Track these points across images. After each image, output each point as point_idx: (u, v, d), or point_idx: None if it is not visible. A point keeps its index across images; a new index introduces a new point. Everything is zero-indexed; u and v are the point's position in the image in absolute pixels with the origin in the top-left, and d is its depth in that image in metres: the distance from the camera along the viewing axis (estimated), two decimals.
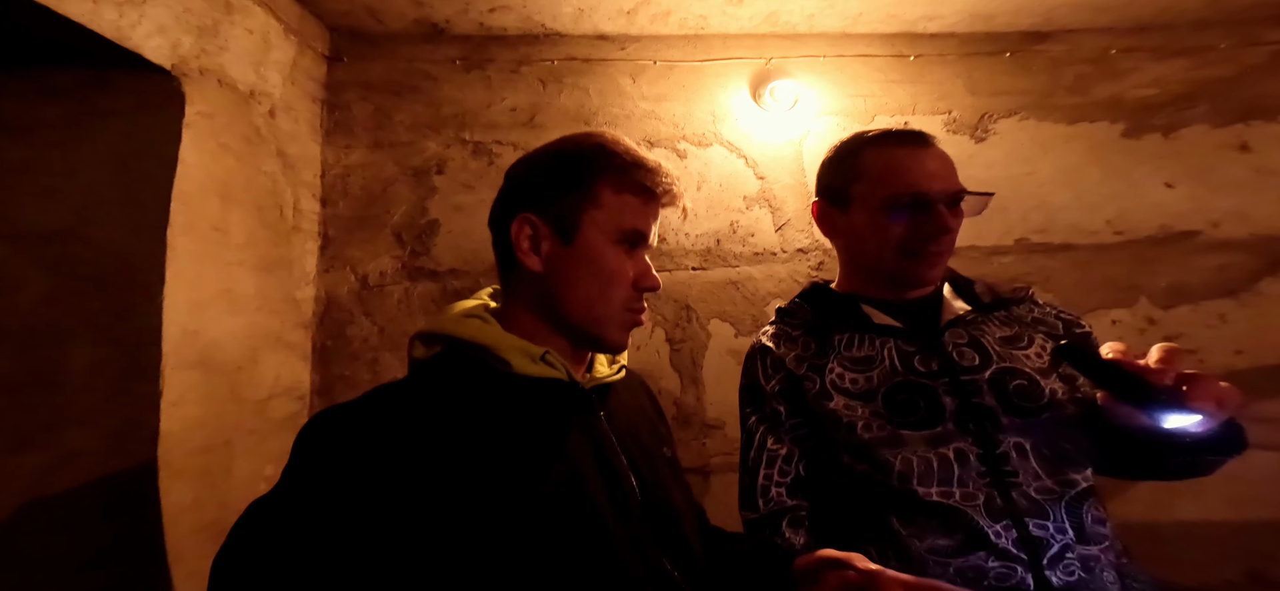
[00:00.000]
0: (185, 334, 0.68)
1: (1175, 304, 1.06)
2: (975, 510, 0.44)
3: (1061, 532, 0.43)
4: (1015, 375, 0.49)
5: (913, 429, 0.47)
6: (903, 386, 0.50)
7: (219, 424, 0.74)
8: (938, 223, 0.51)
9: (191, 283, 0.69)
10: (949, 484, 0.45)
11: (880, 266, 0.55)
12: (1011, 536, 0.43)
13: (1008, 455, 0.46)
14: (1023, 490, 0.44)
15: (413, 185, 1.07)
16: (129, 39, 0.61)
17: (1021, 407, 0.47)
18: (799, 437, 0.53)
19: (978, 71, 1.16)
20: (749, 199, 1.12)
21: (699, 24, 1.12)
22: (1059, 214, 1.10)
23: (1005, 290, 0.57)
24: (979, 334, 0.52)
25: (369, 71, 1.08)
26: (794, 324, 0.59)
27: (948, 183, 0.52)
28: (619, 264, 0.42)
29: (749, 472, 0.53)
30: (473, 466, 0.35)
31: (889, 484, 0.46)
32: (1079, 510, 0.44)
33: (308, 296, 0.98)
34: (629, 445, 0.43)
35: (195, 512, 0.68)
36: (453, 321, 0.42)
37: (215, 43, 0.74)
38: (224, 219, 0.75)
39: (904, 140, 0.54)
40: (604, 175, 0.42)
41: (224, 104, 0.76)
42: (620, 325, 0.43)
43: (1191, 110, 1.12)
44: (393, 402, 0.37)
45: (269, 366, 0.85)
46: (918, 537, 0.45)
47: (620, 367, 0.49)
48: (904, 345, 0.52)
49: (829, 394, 0.51)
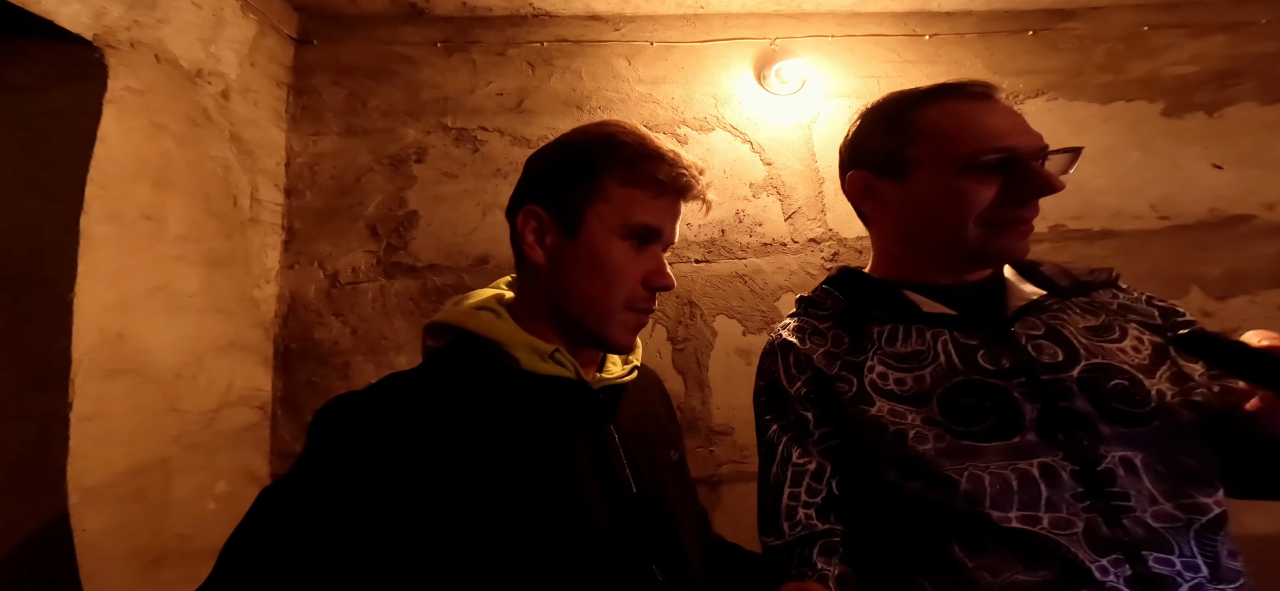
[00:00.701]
0: (105, 337, 0.59)
1: (1231, 294, 0.97)
2: (1072, 540, 0.35)
3: (1192, 569, 0.34)
4: (1113, 373, 0.39)
5: (981, 439, 0.38)
6: (965, 387, 0.40)
7: (152, 439, 0.64)
8: (1038, 181, 0.41)
9: (113, 278, 0.60)
10: (1034, 507, 0.36)
11: (955, 241, 0.44)
12: (1124, 573, 0.34)
13: (1113, 472, 0.36)
14: (1137, 517, 0.35)
15: (389, 174, 0.98)
16: (38, 3, 0.53)
17: (1125, 413, 0.38)
18: (830, 449, 0.44)
19: (999, 50, 1.08)
20: (755, 186, 1.03)
21: (698, 3, 1.05)
22: (1097, 199, 1.01)
23: (1082, 272, 0.47)
24: (1058, 324, 0.42)
25: (341, 54, 1.00)
26: (821, 315, 0.49)
27: (1035, 136, 0.43)
28: (623, 260, 0.41)
29: (771, 492, 0.44)
30: (473, 461, 0.35)
31: (951, 505, 0.37)
32: (1213, 541, 0.35)
33: (268, 295, 0.88)
34: (633, 448, 0.42)
35: (122, 539, 0.59)
36: (464, 313, 0.41)
37: (152, 15, 0.66)
38: (158, 207, 0.66)
39: (970, 92, 0.45)
40: (610, 167, 0.41)
41: (160, 80, 0.68)
42: (622, 324, 0.42)
43: (1236, 87, 1.04)
44: (404, 391, 0.37)
45: (219, 373, 0.76)
46: (990, 571, 0.36)
47: (633, 368, 0.47)
48: (963, 338, 0.43)
49: (869, 397, 0.42)
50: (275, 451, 0.86)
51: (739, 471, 0.93)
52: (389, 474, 0.33)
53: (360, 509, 0.32)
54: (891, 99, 0.49)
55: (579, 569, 0.35)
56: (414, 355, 0.92)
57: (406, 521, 0.33)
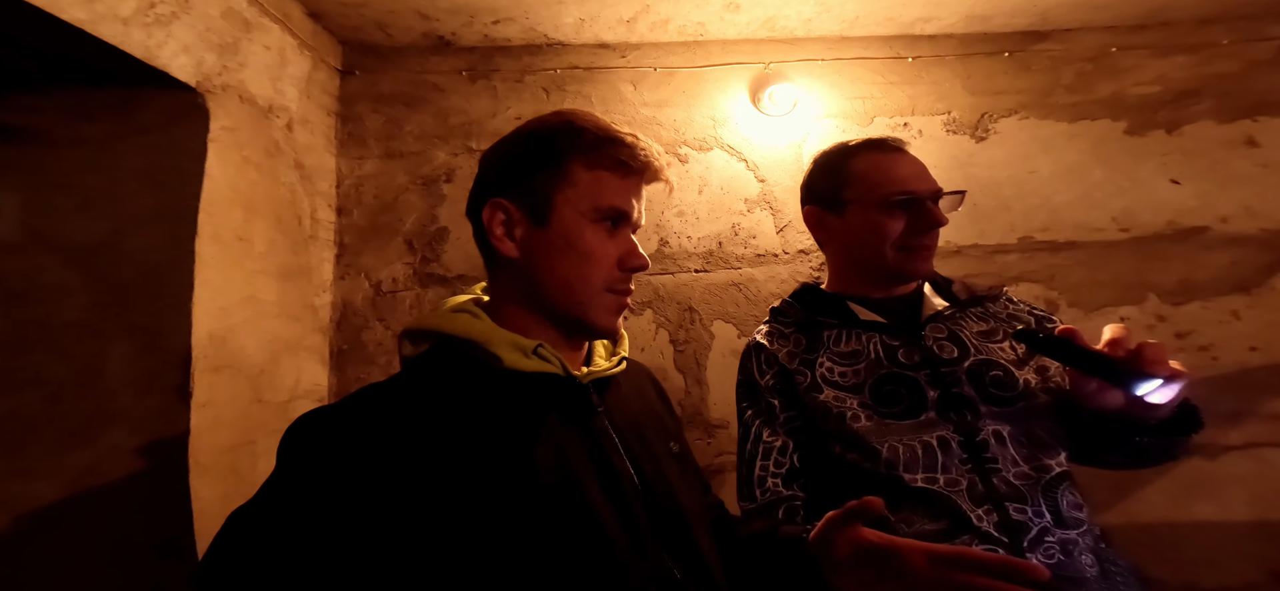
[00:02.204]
0: (212, 339, 0.71)
1: (1185, 301, 1.05)
2: (959, 495, 0.46)
3: (1039, 516, 0.45)
4: (992, 366, 0.51)
5: (898, 419, 0.50)
6: (888, 378, 0.52)
7: (244, 424, 0.77)
8: (930, 217, 0.55)
9: (217, 290, 0.72)
10: (933, 470, 0.47)
11: (878, 263, 0.57)
12: (993, 520, 0.44)
13: (987, 442, 0.48)
14: (1002, 476, 0.46)
15: (423, 194, 1.10)
16: (157, 58, 0.65)
17: (998, 397, 0.49)
18: (793, 430, 0.55)
19: (976, 72, 1.17)
20: (750, 201, 1.14)
21: (697, 31, 1.15)
22: (1063, 212, 1.10)
23: (981, 288, 0.60)
24: (957, 328, 0.55)
25: (380, 84, 1.12)
26: (786, 322, 0.61)
27: (931, 183, 0.57)
28: (598, 243, 0.40)
29: (746, 464, 0.56)
30: (462, 466, 0.33)
31: (877, 471, 0.48)
32: (1054, 494, 0.46)
33: (325, 302, 1.01)
34: (630, 440, 0.41)
35: (222, 507, 0.71)
36: (441, 317, 0.40)
37: (235, 59, 0.78)
38: (247, 229, 0.79)
39: (886, 147, 0.59)
40: (576, 153, 0.40)
41: (245, 118, 0.80)
42: (604, 308, 0.41)
43: (1196, 106, 1.11)
44: (378, 402, 0.35)
45: (289, 370, 0.89)
46: (906, 523, 0.46)
47: (621, 359, 0.46)
48: (888, 339, 0.55)
49: (819, 386, 0.54)
50: None
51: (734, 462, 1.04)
52: (365, 488, 0.31)
53: (332, 527, 0.30)
54: (833, 150, 0.62)
55: (590, 569, 0.33)
56: None
57: (389, 530, 0.31)
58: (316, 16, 1.01)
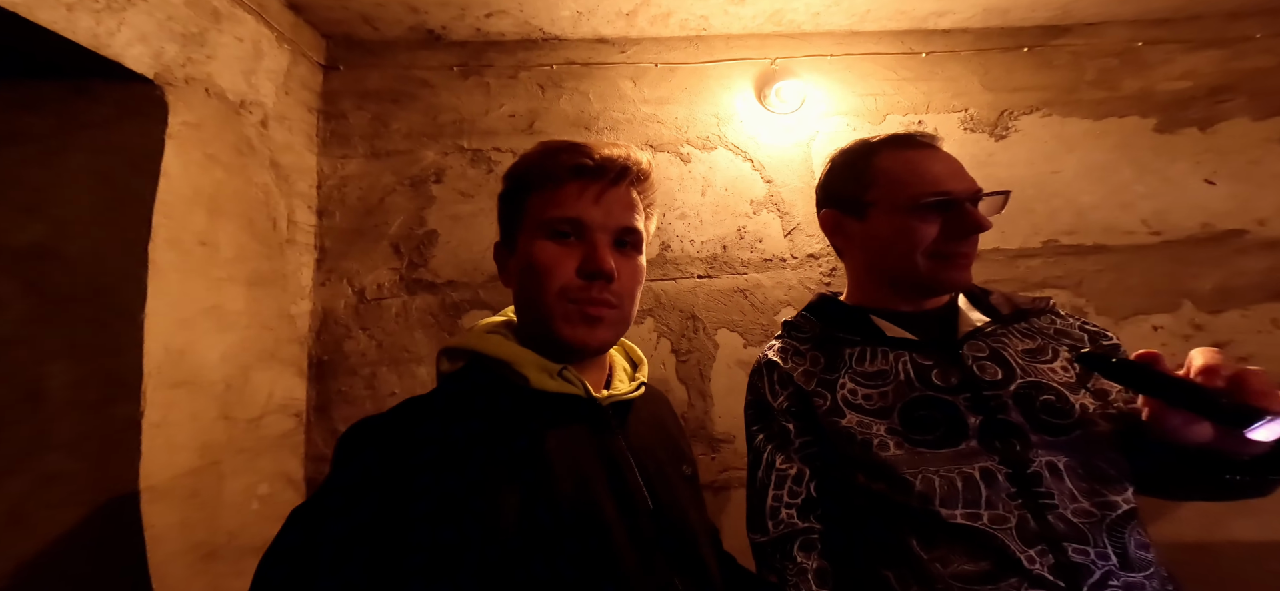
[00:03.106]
0: (168, 352, 0.65)
1: (1223, 308, 0.99)
2: (1006, 533, 0.40)
3: (1104, 558, 0.39)
4: (1042, 389, 0.45)
5: (933, 447, 0.44)
6: (921, 402, 0.46)
7: (206, 444, 0.71)
8: (970, 221, 0.48)
9: (176, 299, 0.67)
10: (976, 505, 0.42)
11: (908, 272, 0.51)
12: (1048, 562, 0.39)
13: (1040, 475, 0.42)
14: (1059, 513, 0.41)
15: (410, 195, 1.04)
16: (107, 47, 0.60)
17: (1051, 424, 0.44)
18: (809, 456, 0.50)
19: (994, 67, 1.11)
20: (756, 203, 1.08)
21: (701, 25, 1.09)
22: (1089, 214, 1.04)
23: (1024, 301, 0.53)
24: (1000, 346, 0.49)
25: (365, 80, 1.07)
26: (801, 338, 0.56)
27: (969, 182, 0.50)
28: (546, 256, 0.41)
29: (757, 493, 0.50)
30: (489, 475, 0.36)
31: (909, 505, 0.43)
32: (1122, 534, 0.40)
33: (303, 311, 0.95)
34: (645, 462, 0.43)
35: (182, 534, 0.65)
36: (475, 337, 0.44)
37: (202, 51, 0.73)
38: (211, 232, 0.73)
39: (917, 142, 0.52)
40: (532, 186, 0.43)
41: (212, 114, 0.75)
42: (564, 317, 0.41)
43: (1229, 103, 1.06)
44: (420, 413, 0.39)
45: (261, 383, 0.82)
46: (941, 562, 0.41)
47: (640, 384, 0.49)
48: (920, 358, 0.49)
49: (841, 410, 0.48)
50: (309, 455, 0.93)
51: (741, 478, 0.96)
52: (407, 490, 0.34)
53: (381, 524, 0.33)
54: (854, 147, 0.55)
55: (596, 576, 0.35)
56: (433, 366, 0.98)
57: (423, 532, 0.33)
58: (297, 8, 0.95)
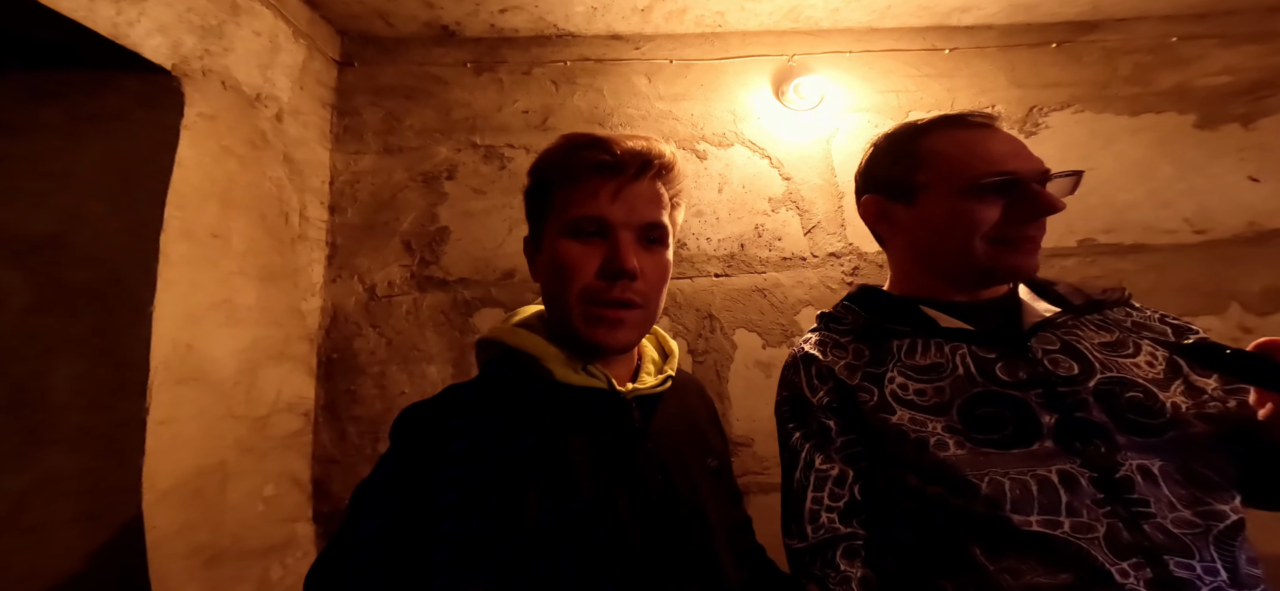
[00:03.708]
0: (177, 347, 0.64)
1: (1273, 310, 0.95)
2: (1092, 543, 0.36)
3: (1212, 574, 0.35)
4: (1128, 386, 0.41)
5: (1000, 447, 0.40)
6: (984, 397, 0.42)
7: (212, 442, 0.69)
8: (1039, 202, 0.43)
9: (185, 292, 0.65)
10: (1055, 512, 0.37)
11: (965, 259, 0.46)
12: (1145, 576, 0.35)
13: (1131, 480, 0.38)
14: (1157, 523, 0.36)
15: (423, 191, 1.03)
16: (127, 37, 0.59)
17: (1140, 424, 0.39)
18: (852, 457, 0.46)
19: (1021, 63, 1.08)
20: (775, 201, 1.05)
21: (716, 21, 1.08)
22: (1128, 212, 1.00)
23: (1097, 291, 0.49)
24: (1073, 339, 0.44)
25: (379, 75, 1.06)
26: (841, 330, 0.52)
27: (1034, 161, 0.45)
28: (569, 256, 0.41)
29: (794, 497, 0.46)
30: (509, 471, 0.37)
31: (972, 509, 0.39)
32: (1232, 547, 0.36)
33: (313, 307, 0.94)
34: (666, 457, 0.43)
35: (184, 537, 0.63)
36: (505, 330, 0.44)
37: (220, 44, 0.72)
38: (224, 225, 0.72)
39: (971, 122, 0.48)
40: (557, 182, 0.43)
41: (227, 106, 0.74)
42: (585, 319, 0.41)
43: (1272, 98, 1.02)
44: (454, 404, 0.41)
45: (270, 381, 0.80)
46: (1011, 573, 0.37)
47: (666, 377, 0.47)
48: (980, 351, 0.45)
49: (890, 407, 0.44)
50: (316, 456, 0.91)
51: (759, 482, 0.94)
52: (434, 482, 0.36)
53: (408, 517, 0.35)
54: (900, 129, 0.51)
55: (608, 567, 0.36)
56: (443, 365, 0.96)
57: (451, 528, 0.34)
58: (314, 4, 0.95)
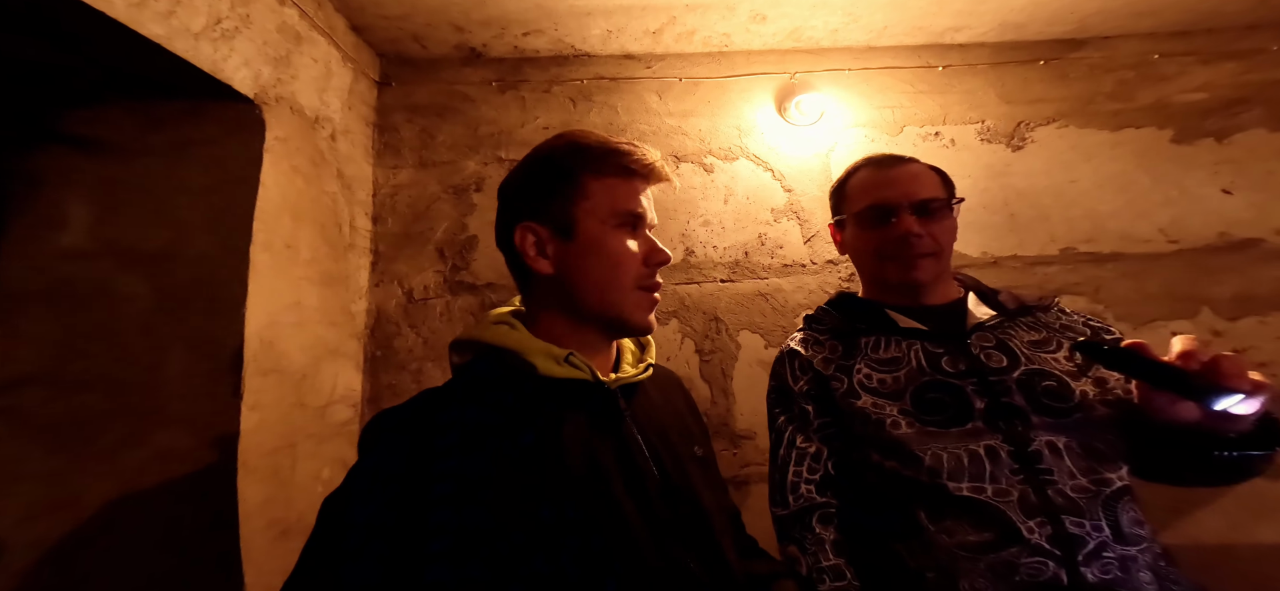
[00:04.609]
0: (262, 343, 0.73)
1: (1241, 315, 1.01)
2: (1009, 506, 0.44)
3: (1098, 530, 0.43)
4: (1044, 376, 0.50)
5: (941, 426, 0.49)
6: (931, 385, 0.51)
7: (286, 427, 0.79)
8: (899, 226, 0.56)
9: (267, 296, 0.75)
10: (981, 479, 0.46)
11: (873, 273, 0.60)
12: (1046, 533, 0.43)
13: (1041, 453, 0.46)
14: (1058, 488, 0.45)
15: (454, 202, 1.13)
16: (221, 71, 0.68)
17: (1051, 407, 0.48)
18: (828, 436, 0.55)
19: (1011, 80, 1.15)
20: (777, 211, 1.13)
21: (723, 42, 1.15)
22: (1107, 222, 1.06)
23: (1031, 298, 0.59)
24: (1006, 338, 0.53)
25: (414, 94, 1.16)
26: (821, 329, 0.62)
27: (909, 191, 0.57)
28: (622, 245, 0.44)
29: (779, 470, 0.55)
30: (503, 460, 0.37)
31: (919, 479, 0.47)
32: (1115, 508, 0.44)
33: (361, 309, 1.04)
34: (655, 442, 0.44)
35: (266, 510, 0.73)
36: (482, 329, 0.44)
37: (288, 72, 0.81)
38: (294, 237, 0.81)
39: (878, 162, 0.61)
40: (584, 167, 0.44)
41: (295, 129, 0.83)
42: (637, 305, 0.44)
43: (1246, 114, 1.07)
44: (436, 404, 0.40)
45: (328, 375, 0.91)
46: (947, 533, 0.45)
47: (648, 366, 0.49)
48: (931, 347, 0.54)
49: (857, 392, 0.53)
50: None
51: (762, 473, 1.01)
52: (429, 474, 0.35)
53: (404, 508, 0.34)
54: (845, 170, 0.65)
55: (609, 553, 0.36)
56: None
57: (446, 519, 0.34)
58: (359, 29, 1.05)
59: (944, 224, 0.57)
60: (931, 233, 0.56)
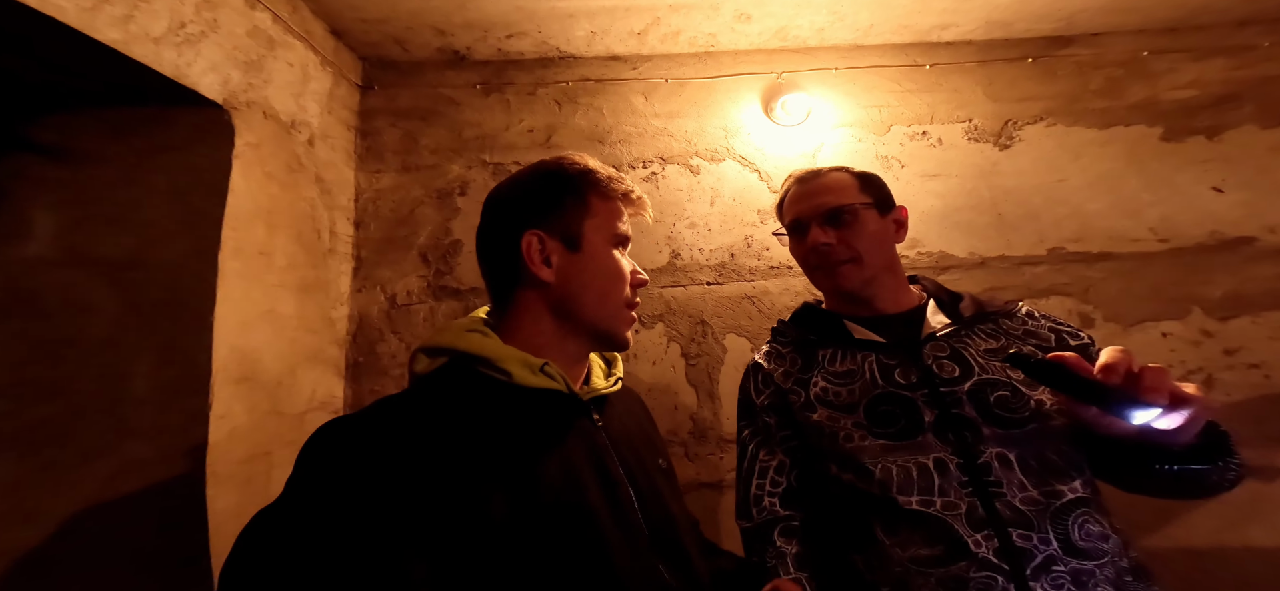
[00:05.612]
0: (232, 351, 0.73)
1: (1233, 315, 0.99)
2: (956, 519, 0.44)
3: (1045, 543, 0.42)
4: (997, 386, 0.49)
5: (893, 439, 0.48)
6: (883, 397, 0.51)
7: (260, 435, 0.78)
8: (810, 238, 0.58)
9: (239, 303, 0.74)
10: (929, 493, 0.46)
11: (816, 284, 0.62)
12: (993, 545, 0.43)
13: (990, 465, 0.46)
14: (1007, 501, 0.44)
15: (438, 207, 1.12)
16: (186, 76, 0.68)
17: (1003, 417, 0.47)
18: (790, 449, 0.55)
19: (998, 78, 1.14)
20: (763, 213, 1.12)
21: (709, 42, 1.15)
22: (1096, 221, 1.05)
23: (994, 305, 0.58)
24: (961, 346, 0.53)
25: (397, 98, 1.15)
26: (784, 341, 0.62)
27: (818, 204, 0.58)
28: (618, 264, 0.47)
29: (743, 483, 0.56)
30: (472, 472, 0.36)
31: (871, 493, 0.47)
32: (1065, 521, 0.43)
33: (342, 315, 1.03)
34: (625, 454, 0.45)
35: (238, 517, 0.72)
36: (456, 335, 0.44)
37: (260, 76, 0.80)
38: (268, 243, 0.81)
39: (800, 178, 0.63)
40: (593, 189, 0.47)
41: (269, 134, 0.82)
42: (624, 322, 0.48)
43: (1237, 111, 1.06)
44: (395, 413, 0.38)
45: (306, 381, 0.90)
46: (901, 547, 0.45)
47: (617, 380, 0.51)
48: (885, 358, 0.54)
49: (812, 406, 0.53)
50: None
51: None
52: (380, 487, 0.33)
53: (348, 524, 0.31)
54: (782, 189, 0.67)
55: (588, 570, 0.36)
56: None
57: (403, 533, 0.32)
58: (338, 34, 1.04)
59: (861, 229, 0.56)
60: (845, 240, 0.56)
